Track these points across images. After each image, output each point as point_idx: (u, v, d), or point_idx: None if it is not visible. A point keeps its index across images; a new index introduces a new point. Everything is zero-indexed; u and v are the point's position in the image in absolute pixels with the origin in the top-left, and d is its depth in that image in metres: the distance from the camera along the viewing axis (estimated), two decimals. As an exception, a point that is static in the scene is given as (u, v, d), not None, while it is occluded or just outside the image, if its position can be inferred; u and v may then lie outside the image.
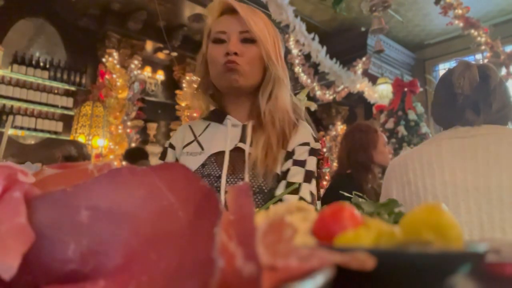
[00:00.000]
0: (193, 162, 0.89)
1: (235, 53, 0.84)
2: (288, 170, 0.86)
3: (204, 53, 0.93)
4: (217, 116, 0.95)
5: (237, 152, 0.88)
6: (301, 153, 0.88)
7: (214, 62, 0.87)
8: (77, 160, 2.28)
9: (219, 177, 0.85)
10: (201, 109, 0.99)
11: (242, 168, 0.86)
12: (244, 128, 0.90)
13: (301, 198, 0.83)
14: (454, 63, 1.07)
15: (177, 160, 0.95)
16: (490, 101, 0.97)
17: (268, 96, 0.88)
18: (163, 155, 0.99)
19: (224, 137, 0.90)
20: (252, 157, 0.85)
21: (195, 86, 0.98)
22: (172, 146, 0.97)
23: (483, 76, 0.98)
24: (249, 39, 0.86)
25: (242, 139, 0.89)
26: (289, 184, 0.84)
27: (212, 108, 0.98)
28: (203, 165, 0.88)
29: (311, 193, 0.85)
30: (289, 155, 0.88)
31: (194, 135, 0.95)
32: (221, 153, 0.88)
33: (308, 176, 0.86)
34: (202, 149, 0.91)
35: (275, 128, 0.86)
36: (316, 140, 0.92)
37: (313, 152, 0.89)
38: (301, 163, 0.86)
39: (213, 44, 0.88)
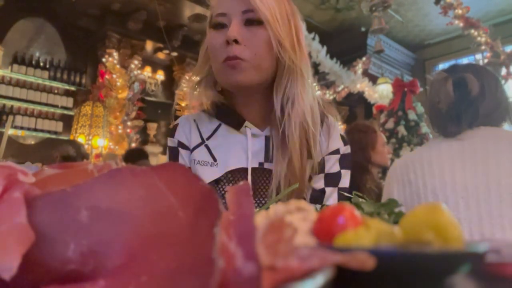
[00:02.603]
0: (202, 174, 0.74)
1: (236, 41, 0.67)
2: (323, 190, 0.75)
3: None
4: (230, 117, 0.78)
5: (257, 170, 0.74)
6: (332, 165, 0.77)
7: (214, 55, 0.72)
8: (75, 160, 2.28)
9: None
10: (201, 106, 0.82)
11: (263, 189, 0.73)
12: (267, 140, 0.76)
13: None
14: (439, 71, 1.08)
15: None
16: (475, 108, 0.99)
17: (284, 95, 0.71)
18: (173, 158, 0.81)
19: (243, 149, 0.75)
20: (275, 177, 0.71)
21: (195, 79, 0.81)
22: (183, 146, 0.80)
23: (460, 87, 1.00)
24: (254, 20, 0.69)
25: (267, 156, 0.75)
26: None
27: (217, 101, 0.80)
28: (216, 181, 0.74)
29: None
30: (319, 166, 0.76)
31: (201, 136, 0.79)
32: (240, 170, 0.74)
33: (341, 196, 0.76)
34: (215, 160, 0.76)
35: (297, 141, 0.71)
36: (345, 141, 0.79)
37: (344, 161, 0.77)
38: (333, 180, 0.76)
39: (213, 30, 0.72)
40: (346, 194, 0.75)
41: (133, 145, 4.27)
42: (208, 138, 0.79)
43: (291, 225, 0.23)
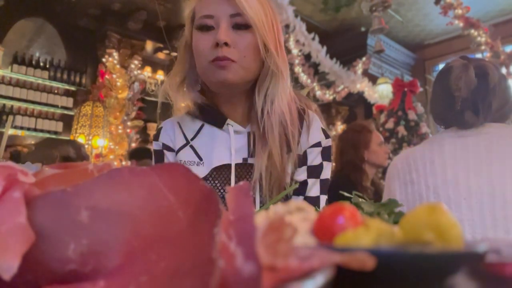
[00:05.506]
0: None
1: (226, 44, 0.69)
2: (305, 182, 0.78)
3: (188, 40, 0.78)
4: (212, 116, 0.81)
5: (242, 165, 0.77)
6: (314, 157, 0.79)
7: (201, 56, 0.73)
8: (75, 160, 2.28)
9: (224, 197, 0.71)
10: (187, 107, 0.84)
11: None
12: (249, 136, 0.78)
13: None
14: (452, 58, 1.05)
15: None
16: (490, 101, 0.95)
17: (265, 95, 0.75)
18: (159, 160, 0.83)
19: (226, 146, 0.78)
20: (257, 171, 0.74)
21: (176, 80, 0.81)
22: (168, 148, 0.82)
23: (481, 75, 0.96)
24: (242, 25, 0.71)
25: (250, 152, 0.77)
26: (307, 199, 0.76)
27: (199, 101, 0.82)
28: (203, 180, 0.76)
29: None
30: (301, 159, 0.78)
31: (186, 138, 0.82)
32: (225, 167, 0.77)
33: (323, 187, 0.78)
34: (200, 159, 0.78)
35: (276, 137, 0.75)
36: (327, 134, 0.82)
37: (326, 153, 0.80)
38: (315, 172, 0.78)
39: (198, 32, 0.73)
40: (332, 188, 0.78)
41: (133, 145, 4.27)
42: (192, 139, 0.81)
43: (291, 225, 0.23)
